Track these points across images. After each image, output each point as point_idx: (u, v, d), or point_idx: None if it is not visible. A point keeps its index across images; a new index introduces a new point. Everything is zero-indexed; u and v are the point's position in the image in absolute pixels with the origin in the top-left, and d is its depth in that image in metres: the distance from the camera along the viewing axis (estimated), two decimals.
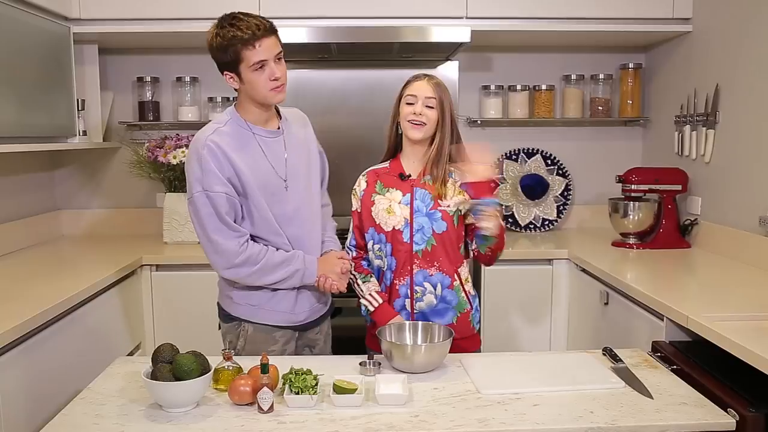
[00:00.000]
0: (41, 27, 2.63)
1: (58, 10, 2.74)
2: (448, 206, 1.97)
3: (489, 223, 1.91)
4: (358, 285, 2.04)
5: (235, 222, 1.84)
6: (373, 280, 2.04)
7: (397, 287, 1.99)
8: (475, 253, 2.04)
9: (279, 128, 1.94)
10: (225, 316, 1.98)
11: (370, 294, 2.00)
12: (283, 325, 1.95)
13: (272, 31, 1.80)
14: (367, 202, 2.03)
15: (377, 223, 2.00)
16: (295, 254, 1.90)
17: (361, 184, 2.07)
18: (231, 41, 1.74)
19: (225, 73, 1.83)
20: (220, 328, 2.03)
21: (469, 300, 2.03)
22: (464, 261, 2.04)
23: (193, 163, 1.81)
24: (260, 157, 1.86)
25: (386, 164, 2.07)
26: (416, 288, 1.97)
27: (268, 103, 1.87)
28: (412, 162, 2.02)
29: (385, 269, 2.01)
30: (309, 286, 1.96)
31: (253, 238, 1.88)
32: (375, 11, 2.90)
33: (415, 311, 1.98)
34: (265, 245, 1.88)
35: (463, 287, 2.01)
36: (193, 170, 1.81)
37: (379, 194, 2.01)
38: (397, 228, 1.97)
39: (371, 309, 1.98)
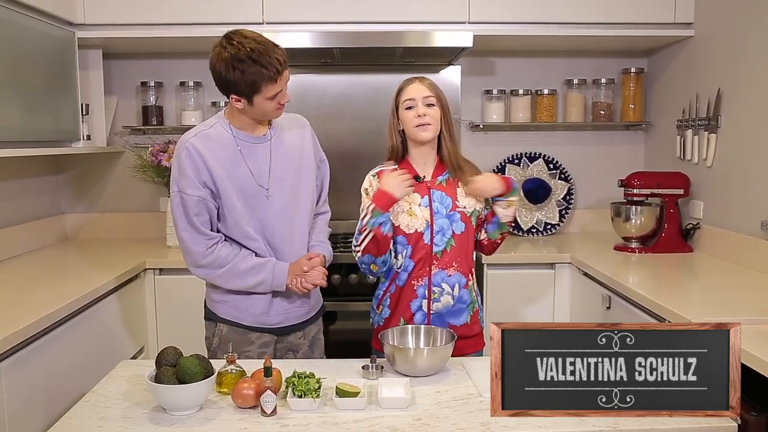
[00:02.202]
0: (46, 32, 2.64)
1: (63, 15, 2.76)
2: (465, 207, 1.99)
3: (508, 211, 2.00)
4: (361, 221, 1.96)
5: (212, 225, 1.90)
6: None
7: (414, 288, 1.98)
8: (485, 242, 2.09)
9: (266, 135, 1.95)
10: (205, 314, 2.04)
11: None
12: (257, 326, 1.97)
13: (286, 61, 1.81)
14: None
15: (396, 225, 1.98)
16: (264, 263, 1.91)
17: (373, 184, 2.00)
18: (255, 75, 1.75)
19: (232, 96, 1.82)
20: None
21: (477, 298, 2.07)
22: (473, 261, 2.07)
23: (174, 164, 1.90)
24: (239, 163, 1.88)
25: (394, 166, 2.02)
26: (434, 289, 1.97)
27: (267, 119, 1.93)
28: (422, 165, 2.02)
29: (400, 270, 2.00)
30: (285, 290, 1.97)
31: (231, 239, 1.93)
32: (378, 16, 2.91)
33: (432, 312, 1.98)
34: (239, 248, 1.91)
35: (474, 286, 2.05)
36: (173, 170, 1.91)
37: None
38: (419, 230, 1.97)
39: (368, 206, 1.92)
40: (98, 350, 2.26)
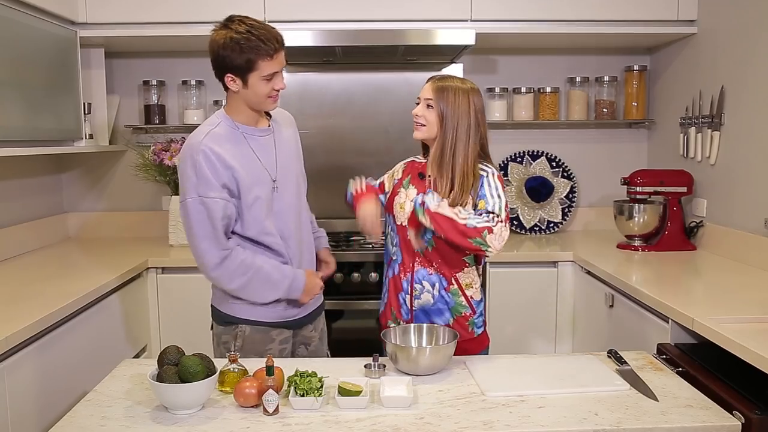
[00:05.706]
0: (48, 31, 2.65)
1: (65, 14, 2.76)
2: None
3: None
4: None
5: (230, 228, 1.86)
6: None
7: (401, 281, 2.02)
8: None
9: (269, 126, 1.97)
10: (220, 318, 1.98)
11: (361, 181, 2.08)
12: (279, 321, 1.96)
13: (284, 44, 1.85)
14: (395, 189, 2.08)
15: (394, 213, 2.05)
16: (280, 281, 1.89)
17: (398, 171, 2.12)
18: (252, 51, 1.77)
19: (228, 75, 1.82)
20: (212, 328, 2.03)
21: (471, 305, 2.03)
22: (466, 267, 2.02)
23: (188, 169, 1.82)
24: (252, 157, 1.88)
25: (423, 159, 2.10)
26: (416, 285, 2.00)
27: (262, 109, 1.92)
28: (430, 162, 2.04)
29: (394, 258, 2.05)
30: None
31: (246, 239, 1.89)
32: (380, 14, 2.91)
33: (414, 308, 2.01)
34: (252, 257, 1.87)
35: (462, 292, 2.01)
36: (188, 176, 1.82)
37: (404, 188, 2.05)
38: (404, 224, 2.00)
39: (353, 192, 2.07)
40: (100, 349, 2.27)
